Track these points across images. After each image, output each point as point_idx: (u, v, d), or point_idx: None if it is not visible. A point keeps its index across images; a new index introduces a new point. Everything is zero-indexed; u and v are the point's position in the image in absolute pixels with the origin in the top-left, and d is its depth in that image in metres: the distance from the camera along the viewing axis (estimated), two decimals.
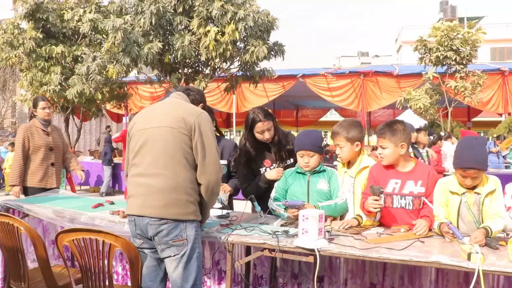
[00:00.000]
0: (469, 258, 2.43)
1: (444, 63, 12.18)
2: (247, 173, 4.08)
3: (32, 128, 5.10)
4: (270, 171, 3.89)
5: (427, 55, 12.43)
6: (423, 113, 12.37)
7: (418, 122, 15.45)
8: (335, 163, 3.92)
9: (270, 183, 3.87)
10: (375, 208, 3.12)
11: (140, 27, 11.64)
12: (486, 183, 3.14)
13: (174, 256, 2.77)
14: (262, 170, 4.04)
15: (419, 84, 13.52)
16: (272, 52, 12.84)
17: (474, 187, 3.14)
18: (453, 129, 13.22)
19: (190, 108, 2.98)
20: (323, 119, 26.98)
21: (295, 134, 7.25)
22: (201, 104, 3.33)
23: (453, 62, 12.08)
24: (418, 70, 13.87)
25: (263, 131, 3.88)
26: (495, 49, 36.26)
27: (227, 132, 24.49)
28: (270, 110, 4.17)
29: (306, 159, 3.58)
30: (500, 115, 15.76)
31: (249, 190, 4.00)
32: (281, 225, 3.35)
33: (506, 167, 12.58)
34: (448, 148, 9.70)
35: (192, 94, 3.32)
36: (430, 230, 3.14)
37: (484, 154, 3.12)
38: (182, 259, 2.78)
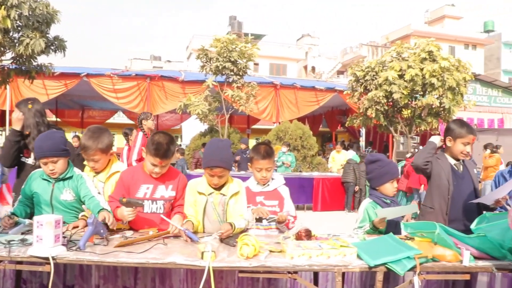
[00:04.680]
0: (202, 257, 2.55)
1: (223, 72, 12.90)
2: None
3: None
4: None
5: (208, 64, 13.00)
6: (203, 118, 12.94)
7: (199, 127, 16.06)
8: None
9: None
10: (130, 216, 3.10)
11: None
12: (232, 184, 3.41)
13: None
14: (23, 159, 3.90)
15: (203, 91, 14.06)
16: (52, 47, 11.88)
17: (220, 188, 3.37)
18: (230, 135, 14.11)
19: None
20: (110, 121, 26.21)
21: (81, 136, 6.84)
22: None
23: (231, 73, 12.88)
24: (203, 77, 14.47)
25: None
26: (273, 65, 40.13)
27: (2, 131, 21.96)
28: (30, 105, 3.97)
29: (50, 167, 3.23)
30: (274, 123, 17.33)
31: None
32: (22, 233, 3.06)
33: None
34: None
35: None
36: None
37: (228, 154, 3.36)
38: None
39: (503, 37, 44.34)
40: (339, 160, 13.27)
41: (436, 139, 3.79)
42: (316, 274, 3.30)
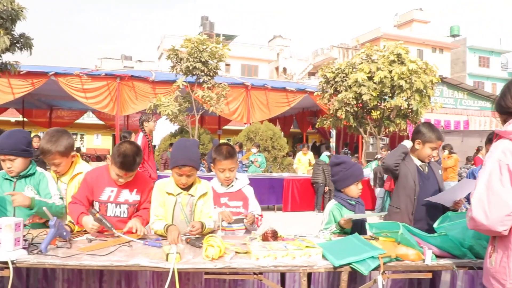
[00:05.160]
0: (167, 259, 2.53)
1: (194, 73, 12.83)
2: None
3: None
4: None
5: (178, 64, 12.90)
6: (173, 119, 12.83)
7: (169, 127, 15.94)
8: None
9: None
10: (93, 230, 3.08)
11: None
12: (200, 185, 3.39)
13: None
14: None
15: (173, 91, 13.95)
16: (18, 45, 11.58)
17: (188, 188, 3.35)
18: (200, 135, 14.04)
19: None
20: (79, 121, 25.80)
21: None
22: None
23: (202, 73, 12.81)
24: (174, 78, 14.33)
25: None
26: (244, 66, 40.16)
27: None
28: None
29: (8, 164, 3.21)
30: (245, 124, 17.32)
31: None
32: None
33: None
34: None
35: None
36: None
37: (196, 153, 3.35)
38: None
39: (468, 42, 45.57)
40: (305, 161, 13.31)
41: (408, 144, 3.84)
42: (283, 275, 3.30)
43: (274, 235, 2.99)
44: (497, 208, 2.10)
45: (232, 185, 3.55)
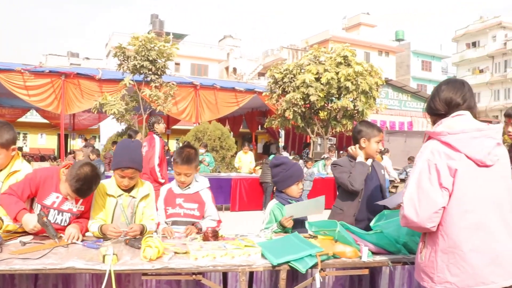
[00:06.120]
0: (104, 260, 2.48)
1: (141, 71, 12.62)
2: None
3: None
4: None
5: (125, 62, 12.65)
6: (119, 118, 12.58)
7: (117, 127, 15.62)
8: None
9: None
10: (33, 231, 2.97)
11: None
12: (142, 187, 3.35)
13: None
14: None
15: (120, 90, 13.65)
16: None
17: (130, 190, 3.29)
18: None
19: None
20: (22, 119, 24.80)
21: None
22: None
23: (149, 72, 12.62)
24: (121, 76, 14.01)
25: None
26: (194, 65, 39.85)
27: None
28: None
29: None
30: (194, 124, 17.18)
31: None
32: None
33: None
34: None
35: None
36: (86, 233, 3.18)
37: (139, 155, 3.32)
38: None
39: (412, 46, 47.26)
40: (245, 161, 13.32)
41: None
42: (225, 275, 3.30)
43: (214, 235, 3.00)
44: (426, 206, 2.19)
45: (189, 187, 3.51)
